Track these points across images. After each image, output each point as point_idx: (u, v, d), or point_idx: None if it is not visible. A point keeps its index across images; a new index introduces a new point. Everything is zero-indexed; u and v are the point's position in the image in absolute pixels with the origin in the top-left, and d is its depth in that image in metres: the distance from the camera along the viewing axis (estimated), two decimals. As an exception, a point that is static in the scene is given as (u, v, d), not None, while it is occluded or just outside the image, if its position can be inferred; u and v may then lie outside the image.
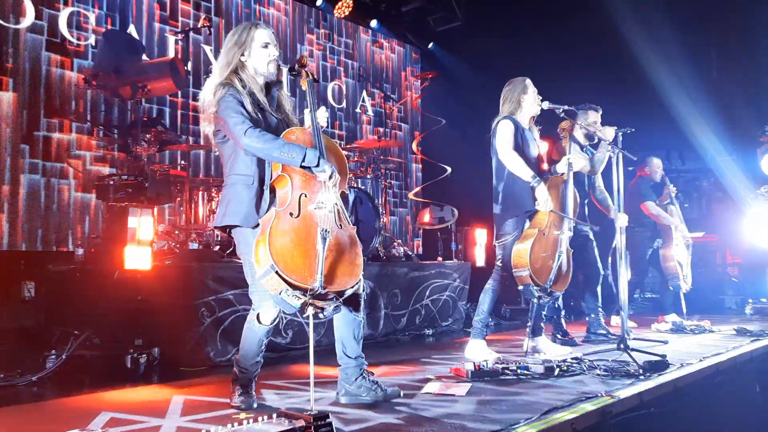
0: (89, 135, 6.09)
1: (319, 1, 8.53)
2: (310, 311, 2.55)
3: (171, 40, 6.87)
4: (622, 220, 4.20)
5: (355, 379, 2.93)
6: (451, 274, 6.04)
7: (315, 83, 2.96)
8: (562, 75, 7.09)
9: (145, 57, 6.39)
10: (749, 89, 7.89)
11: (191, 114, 6.89)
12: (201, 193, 5.41)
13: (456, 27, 9.52)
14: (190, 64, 6.96)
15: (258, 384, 3.06)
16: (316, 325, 3.23)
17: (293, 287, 2.52)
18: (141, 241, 4.26)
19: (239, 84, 2.80)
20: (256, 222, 2.72)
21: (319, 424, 2.18)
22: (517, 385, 3.29)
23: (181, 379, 3.68)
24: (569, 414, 2.68)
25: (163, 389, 3.42)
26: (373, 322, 5.19)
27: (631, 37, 7.47)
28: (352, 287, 2.72)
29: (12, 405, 3.09)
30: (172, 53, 6.79)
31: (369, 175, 6.28)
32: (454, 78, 9.38)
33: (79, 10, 6.16)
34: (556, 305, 4.66)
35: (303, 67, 2.93)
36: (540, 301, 4.11)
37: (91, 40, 6.21)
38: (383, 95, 9.16)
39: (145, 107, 6.31)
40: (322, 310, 2.59)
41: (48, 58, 5.91)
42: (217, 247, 4.97)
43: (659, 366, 3.57)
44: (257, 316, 2.85)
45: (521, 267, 4.03)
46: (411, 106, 9.77)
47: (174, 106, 6.80)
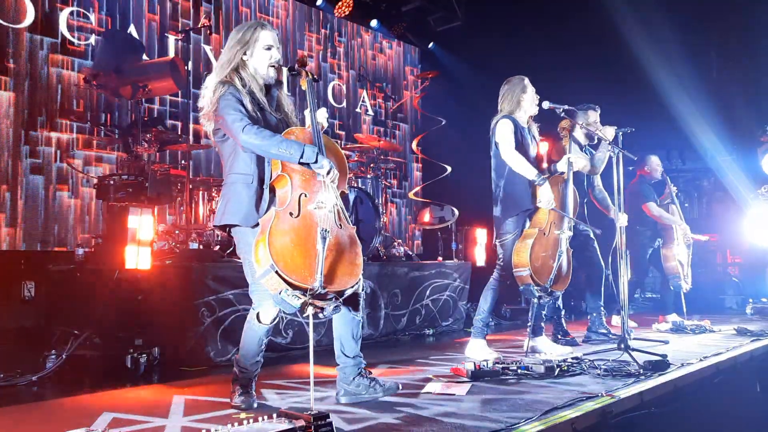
0: (90, 135, 6.10)
1: (319, 1, 8.53)
2: (310, 311, 2.55)
3: (171, 40, 6.87)
4: (622, 220, 4.21)
5: (353, 378, 2.94)
6: (451, 274, 6.04)
7: (315, 83, 2.96)
8: (562, 75, 7.09)
9: (145, 57, 6.39)
10: (749, 89, 7.89)
11: (191, 114, 6.89)
12: (201, 192, 5.42)
13: (456, 27, 9.52)
14: (191, 64, 6.96)
15: (258, 384, 3.06)
16: (316, 325, 3.23)
17: (293, 287, 2.53)
18: (141, 241, 4.27)
19: (239, 83, 2.80)
20: (256, 221, 2.72)
21: (319, 423, 2.18)
22: (518, 385, 3.29)
23: (182, 379, 3.68)
24: (570, 414, 2.68)
25: (164, 389, 3.42)
26: (374, 321, 5.19)
27: (631, 37, 7.46)
28: (352, 287, 2.72)
29: (12, 405, 3.08)
30: (172, 53, 6.80)
31: (369, 175, 6.28)
32: (454, 78, 9.37)
33: (80, 10, 6.16)
34: (557, 305, 4.66)
35: (303, 67, 2.93)
36: (540, 300, 4.11)
37: (92, 40, 6.22)
38: (383, 95, 9.16)
39: (145, 107, 6.32)
40: (322, 309, 2.59)
41: (48, 58, 5.91)
42: (217, 247, 4.97)
43: (660, 366, 3.57)
44: (257, 315, 2.85)
45: (521, 266, 4.04)
46: (411, 105, 9.77)
47: (175, 105, 6.80)
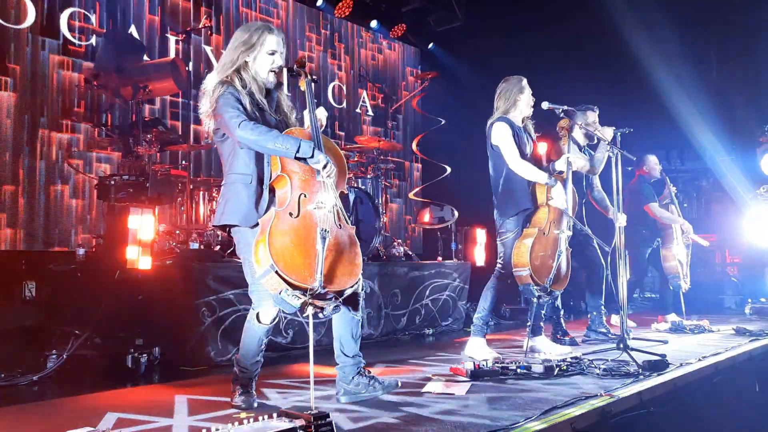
0: (90, 135, 6.10)
1: (319, 2, 8.54)
2: (310, 311, 2.56)
3: (172, 41, 6.88)
4: (621, 220, 4.21)
5: (353, 377, 2.94)
6: (450, 274, 6.05)
7: (314, 83, 2.97)
8: (562, 75, 7.10)
9: (145, 57, 6.40)
10: (749, 89, 7.89)
11: (192, 114, 6.90)
12: (202, 192, 5.42)
13: (456, 27, 9.52)
14: (191, 65, 6.97)
15: (259, 383, 3.07)
16: (316, 325, 3.24)
17: (293, 287, 2.54)
18: (142, 241, 4.28)
19: (239, 83, 2.81)
20: (256, 221, 2.73)
21: (319, 423, 2.18)
22: (517, 385, 3.30)
23: (182, 378, 3.69)
24: (569, 413, 2.68)
25: (165, 389, 3.42)
26: (373, 321, 5.20)
27: (631, 37, 7.47)
28: (352, 287, 2.72)
29: (13, 405, 3.09)
30: (172, 53, 6.80)
31: (369, 175, 6.28)
32: (454, 78, 9.38)
33: (80, 10, 6.17)
34: (556, 305, 4.67)
35: (302, 68, 2.94)
36: (540, 300, 4.11)
37: (92, 40, 6.22)
38: (383, 95, 9.16)
39: (146, 107, 6.33)
40: (322, 309, 2.60)
41: (49, 59, 5.92)
42: (217, 247, 4.98)
43: (659, 365, 3.58)
44: (257, 315, 2.86)
45: (521, 266, 4.04)
46: (411, 106, 9.77)
47: (175, 105, 6.80)
